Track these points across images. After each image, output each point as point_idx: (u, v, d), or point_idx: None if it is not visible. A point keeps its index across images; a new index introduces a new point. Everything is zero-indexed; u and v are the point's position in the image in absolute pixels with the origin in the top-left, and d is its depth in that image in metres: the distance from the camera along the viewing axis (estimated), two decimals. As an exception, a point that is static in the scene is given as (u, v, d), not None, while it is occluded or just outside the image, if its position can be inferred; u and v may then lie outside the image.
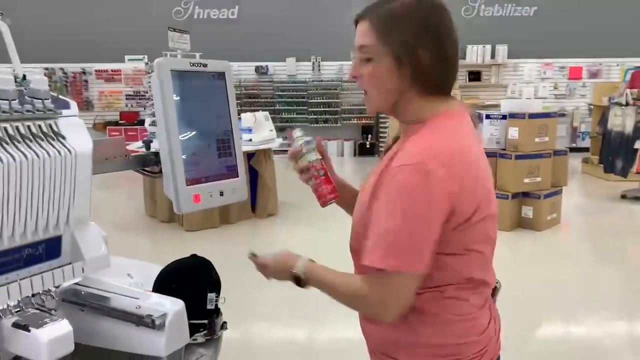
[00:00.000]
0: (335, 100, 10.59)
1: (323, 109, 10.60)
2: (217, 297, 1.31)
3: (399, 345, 1.11)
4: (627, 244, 5.20)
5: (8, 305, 0.92)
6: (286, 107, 10.61)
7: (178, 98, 1.13)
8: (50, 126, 0.87)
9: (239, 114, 6.15)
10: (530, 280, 3.96)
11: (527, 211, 5.25)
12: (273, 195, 6.04)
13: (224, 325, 1.34)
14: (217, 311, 1.31)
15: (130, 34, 10.01)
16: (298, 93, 10.58)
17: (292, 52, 10.46)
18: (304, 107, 10.61)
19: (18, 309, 0.93)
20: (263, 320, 3.34)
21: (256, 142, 5.73)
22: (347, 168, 9.77)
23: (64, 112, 0.90)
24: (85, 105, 10.41)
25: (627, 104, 6.46)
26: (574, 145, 10.26)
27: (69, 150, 0.87)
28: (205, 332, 1.25)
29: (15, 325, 0.88)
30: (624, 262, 4.63)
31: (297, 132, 1.23)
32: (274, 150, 6.21)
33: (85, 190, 0.91)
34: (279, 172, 6.50)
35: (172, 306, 1.07)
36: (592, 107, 9.25)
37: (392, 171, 1.00)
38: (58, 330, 0.88)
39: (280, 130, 10.42)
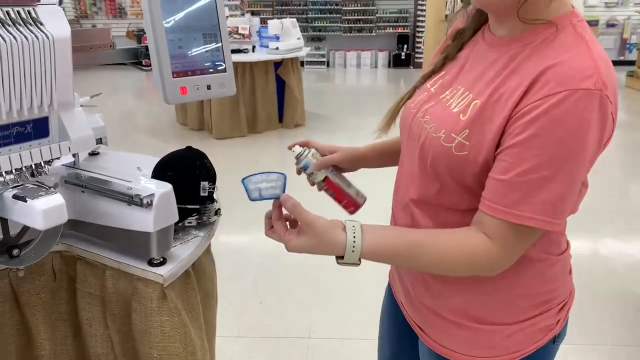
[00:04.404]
0: (370, 7, 10.23)
1: (357, 17, 10.28)
2: (211, 186, 1.40)
3: (490, 305, 0.94)
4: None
5: (9, 182, 1.03)
6: (319, 15, 10.34)
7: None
8: (29, 12, 0.93)
9: (264, 22, 5.97)
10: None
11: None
12: (300, 106, 6.04)
13: (217, 212, 1.44)
14: (210, 198, 1.40)
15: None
16: (331, 0, 10.24)
17: (326, -44, 10.04)
18: (337, 15, 10.31)
19: (19, 185, 1.04)
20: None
21: (283, 50, 5.64)
22: (380, 81, 9.60)
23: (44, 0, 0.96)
24: (119, 13, 10.42)
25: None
26: (621, 58, 9.74)
27: (46, 36, 0.93)
28: (197, 216, 1.37)
29: (15, 197, 0.99)
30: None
31: (296, 150, 1.15)
32: (303, 61, 6.15)
33: (66, 76, 0.98)
34: (306, 82, 6.47)
35: (159, 188, 1.17)
36: (644, 16, 8.65)
37: (549, 99, 0.73)
38: (52, 202, 0.99)
39: (312, 40, 10.24)
